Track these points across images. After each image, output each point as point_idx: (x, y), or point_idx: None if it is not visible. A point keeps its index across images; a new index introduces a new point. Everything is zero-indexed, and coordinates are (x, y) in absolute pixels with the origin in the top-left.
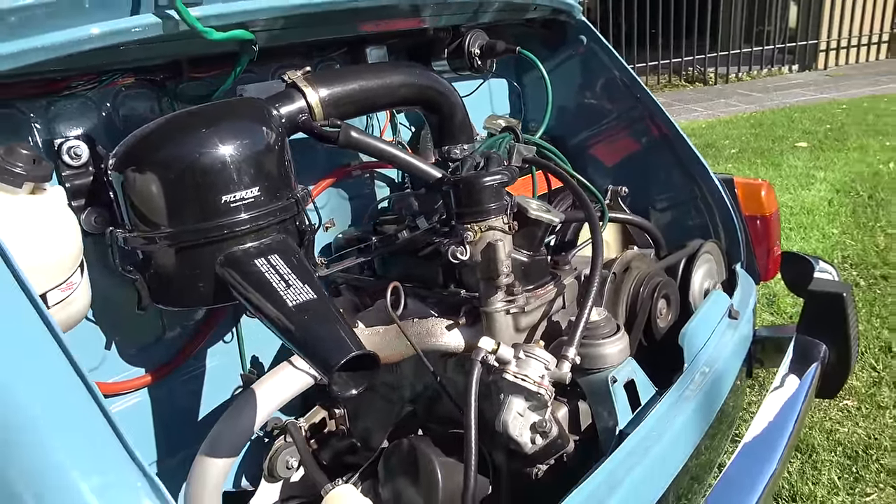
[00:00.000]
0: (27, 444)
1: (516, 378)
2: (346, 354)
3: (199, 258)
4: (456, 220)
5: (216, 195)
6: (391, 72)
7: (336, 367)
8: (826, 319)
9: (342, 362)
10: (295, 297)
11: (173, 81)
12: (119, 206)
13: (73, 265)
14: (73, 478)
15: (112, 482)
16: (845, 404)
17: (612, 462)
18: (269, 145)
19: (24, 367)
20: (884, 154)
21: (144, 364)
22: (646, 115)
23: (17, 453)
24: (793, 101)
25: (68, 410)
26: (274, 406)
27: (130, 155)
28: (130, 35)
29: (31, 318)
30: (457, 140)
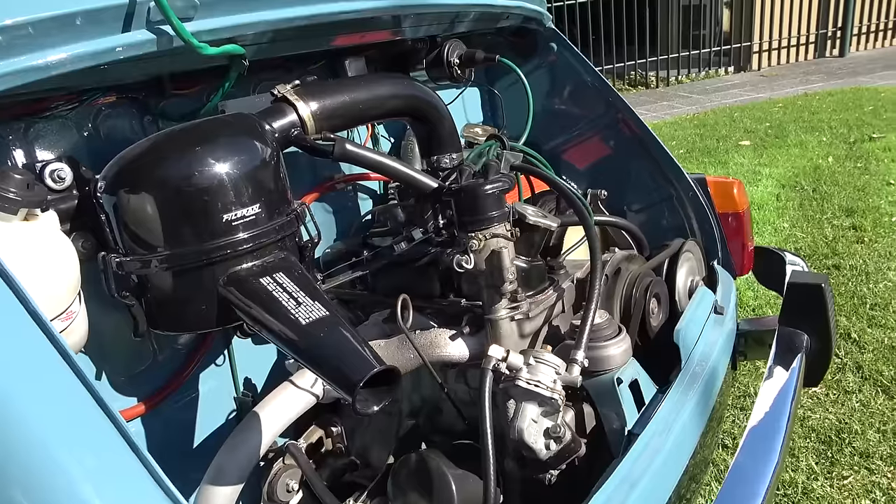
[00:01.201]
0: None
1: (529, 384)
2: (369, 371)
3: (201, 280)
4: (458, 229)
5: (217, 214)
6: (380, 83)
7: (359, 384)
8: (806, 310)
9: (365, 379)
10: (307, 315)
11: (155, 99)
12: (112, 230)
13: (72, 293)
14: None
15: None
16: (814, 391)
17: (628, 463)
18: (266, 161)
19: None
20: (821, 149)
21: (136, 393)
22: (618, 118)
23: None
24: (732, 101)
25: (88, 436)
26: (279, 428)
27: (123, 176)
28: (124, 53)
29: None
30: (445, 149)
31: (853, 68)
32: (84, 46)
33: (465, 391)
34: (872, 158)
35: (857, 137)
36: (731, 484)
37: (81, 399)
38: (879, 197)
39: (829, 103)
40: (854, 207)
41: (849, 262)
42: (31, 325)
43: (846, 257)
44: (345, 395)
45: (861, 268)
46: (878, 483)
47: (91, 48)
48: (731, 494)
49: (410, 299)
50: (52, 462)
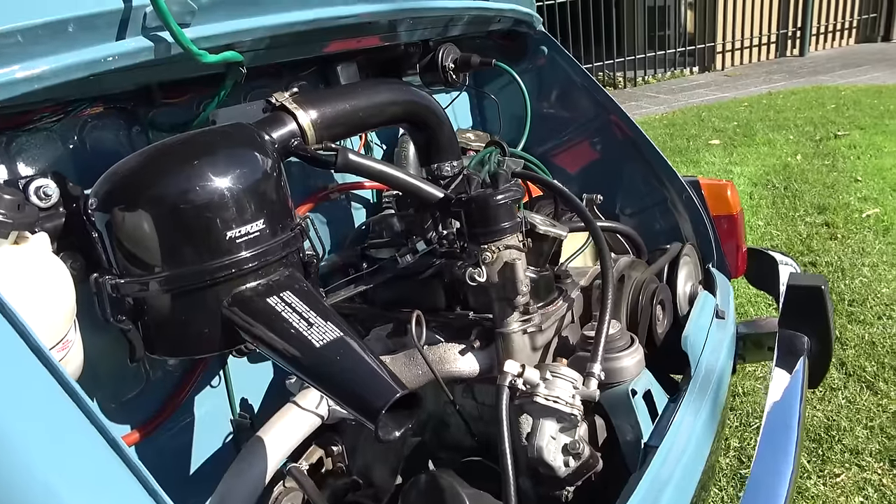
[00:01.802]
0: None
1: (548, 401)
2: (391, 396)
3: (204, 301)
4: (469, 241)
5: (219, 232)
6: (379, 90)
7: (382, 411)
8: (807, 312)
9: (388, 405)
10: (320, 337)
11: (144, 108)
12: (105, 250)
13: (69, 321)
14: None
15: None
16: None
17: (649, 477)
18: (268, 174)
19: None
20: (789, 147)
21: (129, 420)
22: (610, 120)
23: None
24: (698, 100)
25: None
26: (284, 453)
27: (116, 192)
28: (119, 61)
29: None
30: (445, 157)
31: (813, 67)
32: (77, 55)
33: (472, 406)
34: (839, 156)
35: (823, 135)
36: (750, 494)
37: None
38: (848, 193)
39: (792, 102)
40: (825, 204)
41: (824, 258)
42: (35, 361)
43: (821, 254)
44: (366, 423)
45: (837, 264)
46: (869, 480)
47: (84, 57)
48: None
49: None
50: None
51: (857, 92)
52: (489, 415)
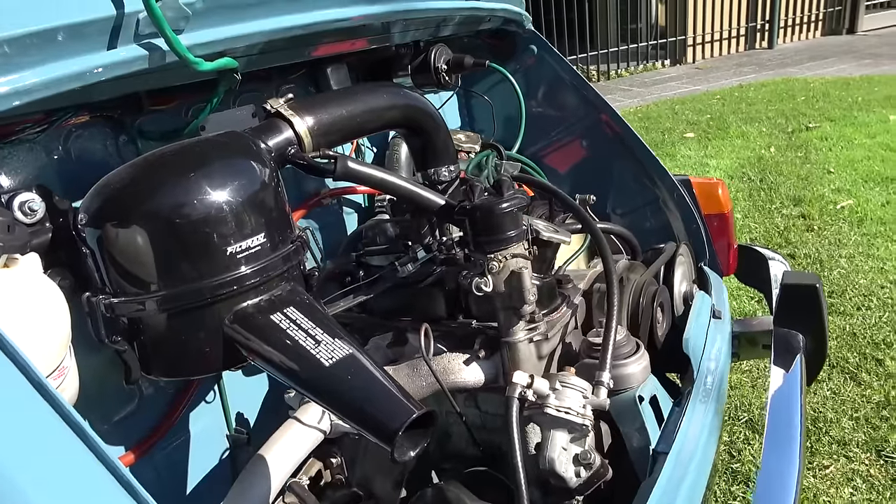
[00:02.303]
0: None
1: (559, 412)
2: (407, 417)
3: (204, 320)
4: (474, 250)
5: (219, 248)
6: (375, 94)
7: (399, 433)
8: (801, 310)
9: (405, 426)
10: (329, 356)
11: (131, 116)
12: (98, 268)
13: (65, 347)
14: None
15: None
16: None
17: (661, 483)
18: (266, 184)
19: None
20: (762, 140)
21: (123, 441)
22: (600, 118)
23: None
24: (671, 93)
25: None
26: (288, 471)
27: (109, 207)
28: (111, 71)
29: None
30: (442, 161)
31: (782, 60)
32: (67, 66)
33: (476, 415)
34: (811, 148)
35: (795, 127)
36: (761, 496)
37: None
38: (822, 185)
39: (763, 94)
40: (801, 196)
41: (802, 250)
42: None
43: (799, 246)
44: (382, 444)
45: (815, 256)
46: (857, 470)
47: (75, 68)
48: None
49: (414, 321)
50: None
51: (825, 84)
52: (492, 424)
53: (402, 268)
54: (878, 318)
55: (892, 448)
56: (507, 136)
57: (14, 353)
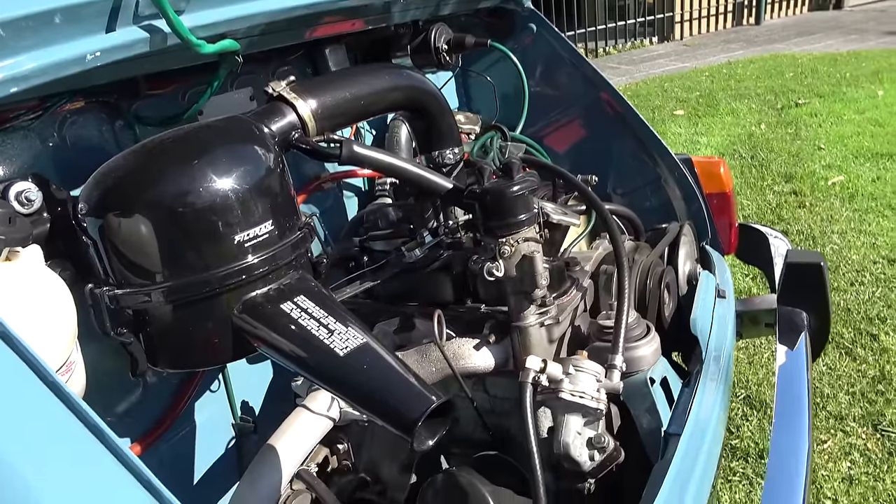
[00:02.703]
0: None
1: (574, 396)
2: (426, 406)
3: (213, 310)
4: (484, 234)
5: (228, 235)
6: (379, 75)
7: (418, 423)
8: (805, 288)
9: (424, 416)
10: (343, 345)
11: (128, 101)
12: (101, 259)
13: (72, 341)
14: None
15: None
16: None
17: (675, 465)
18: (272, 170)
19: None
20: (752, 116)
21: (128, 434)
22: (600, 97)
23: None
24: (659, 71)
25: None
26: (298, 460)
27: (111, 196)
28: (110, 55)
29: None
30: (446, 143)
31: (769, 36)
32: (64, 50)
33: (484, 399)
34: (801, 124)
35: (784, 104)
36: (773, 474)
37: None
38: (813, 161)
39: (752, 71)
40: (792, 173)
41: (795, 227)
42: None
43: (792, 223)
44: (401, 435)
45: (807, 233)
46: (854, 445)
47: (73, 52)
48: (776, 482)
49: (421, 306)
50: None
51: (813, 60)
52: (501, 408)
53: (409, 253)
54: (871, 293)
55: (889, 422)
56: (506, 116)
57: (24, 351)
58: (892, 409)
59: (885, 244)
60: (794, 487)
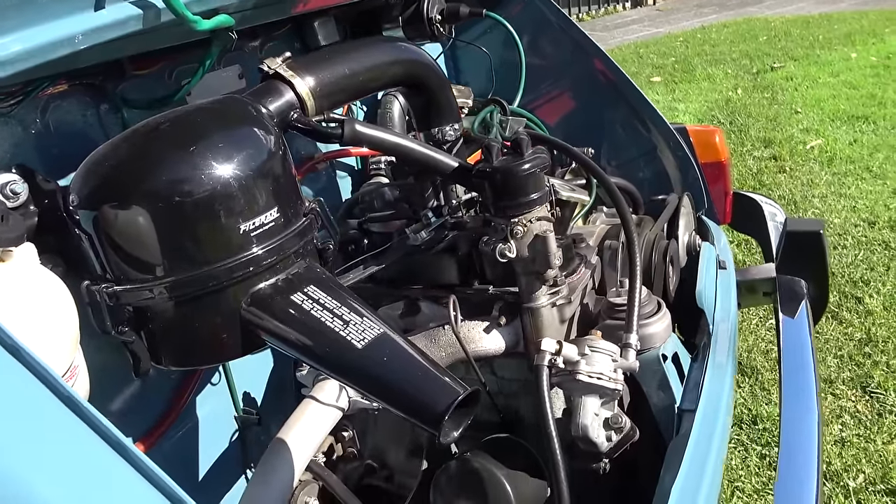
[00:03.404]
0: None
1: (591, 378)
2: (453, 398)
3: (220, 305)
4: (495, 214)
5: (233, 225)
6: (377, 49)
7: (446, 416)
8: (805, 255)
9: (452, 408)
10: (360, 336)
11: (113, 82)
12: (97, 253)
13: (75, 344)
14: None
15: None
16: (772, 324)
17: (693, 442)
18: (273, 153)
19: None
20: (728, 82)
21: (132, 432)
22: (592, 65)
23: None
24: (634, 37)
25: None
26: (309, 454)
27: (105, 187)
28: (103, 34)
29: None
30: (446, 119)
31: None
32: (51, 31)
33: (492, 381)
34: (777, 88)
35: (760, 68)
36: (787, 442)
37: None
38: (791, 126)
39: (725, 35)
40: (771, 138)
41: (776, 192)
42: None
43: (773, 188)
44: (427, 429)
45: (789, 198)
46: (845, 407)
47: (60, 32)
48: (789, 451)
49: (425, 289)
50: None
51: (786, 23)
52: (509, 389)
53: (415, 235)
54: (854, 256)
55: (877, 384)
56: (497, 89)
57: (29, 359)
58: (879, 370)
59: (864, 207)
60: (809, 458)
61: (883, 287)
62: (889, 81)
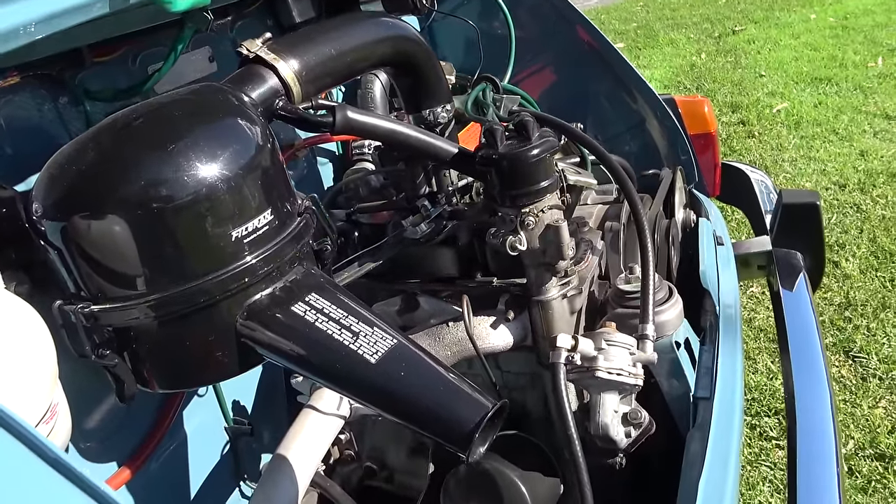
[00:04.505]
0: None
1: (611, 374)
2: (482, 414)
3: (213, 321)
4: (502, 204)
5: (224, 232)
6: (362, 27)
7: (475, 435)
8: (802, 227)
9: (482, 426)
10: (372, 349)
11: (71, 71)
12: (68, 270)
13: (53, 381)
14: None
15: None
16: (752, 291)
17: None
18: (262, 147)
19: None
20: (691, 46)
21: (115, 457)
22: (574, 31)
23: None
24: (594, 2)
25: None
26: (313, 467)
27: (74, 193)
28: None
29: None
30: (438, 100)
31: None
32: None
33: (497, 376)
34: (740, 52)
35: (721, 32)
36: (802, 414)
37: None
38: (756, 90)
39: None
40: (737, 103)
41: (747, 157)
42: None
43: (743, 153)
44: (455, 450)
45: (760, 163)
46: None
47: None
48: (807, 422)
49: (422, 282)
50: None
51: None
52: (514, 383)
53: (413, 228)
54: (827, 220)
55: (859, 348)
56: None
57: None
58: (860, 334)
59: (834, 170)
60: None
61: (858, 250)
62: (848, 42)
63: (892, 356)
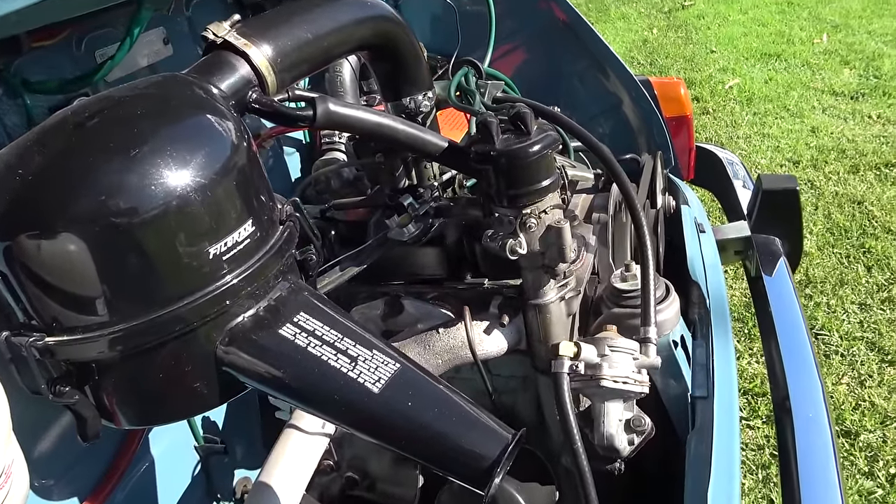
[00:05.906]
0: None
1: (616, 383)
2: (501, 446)
3: (189, 350)
4: (500, 204)
5: (199, 250)
6: (339, 7)
7: (496, 471)
8: (780, 213)
9: (503, 460)
10: (373, 377)
11: (6, 58)
12: (16, 297)
13: (6, 441)
14: None
15: None
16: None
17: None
18: (237, 147)
19: None
20: (643, 21)
21: (76, 493)
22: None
23: None
24: None
25: None
26: (299, 493)
27: (19, 208)
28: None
29: None
30: (419, 87)
31: None
32: None
33: (487, 378)
34: (691, 27)
35: (671, 6)
36: (797, 398)
37: None
38: (708, 65)
39: None
40: (690, 79)
41: (703, 135)
42: None
43: (700, 130)
44: (473, 488)
45: (715, 140)
46: None
47: None
48: (801, 402)
49: (407, 284)
50: None
51: None
52: (505, 387)
53: (399, 229)
54: None
55: (821, 325)
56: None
57: None
58: (821, 311)
59: (787, 147)
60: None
61: (815, 227)
62: (794, 18)
63: (851, 332)
